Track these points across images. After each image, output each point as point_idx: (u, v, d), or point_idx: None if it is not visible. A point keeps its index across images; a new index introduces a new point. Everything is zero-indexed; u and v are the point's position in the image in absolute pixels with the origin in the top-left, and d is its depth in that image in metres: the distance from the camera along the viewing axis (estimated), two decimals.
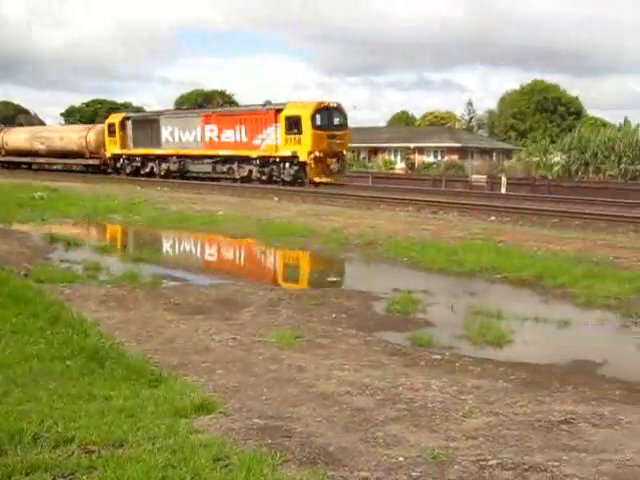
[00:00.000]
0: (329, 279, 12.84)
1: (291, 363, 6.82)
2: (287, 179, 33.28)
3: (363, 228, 17.93)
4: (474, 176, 40.38)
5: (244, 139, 35.07)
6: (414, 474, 4.26)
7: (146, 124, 41.46)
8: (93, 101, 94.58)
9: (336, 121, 33.34)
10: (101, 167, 45.06)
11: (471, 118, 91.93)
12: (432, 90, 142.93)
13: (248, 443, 4.64)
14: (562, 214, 21.68)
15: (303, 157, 32.03)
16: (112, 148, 43.00)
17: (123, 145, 42.30)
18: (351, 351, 7.49)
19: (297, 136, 32.08)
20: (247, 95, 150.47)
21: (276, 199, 27.64)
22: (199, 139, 37.70)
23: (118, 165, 43.28)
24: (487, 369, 6.98)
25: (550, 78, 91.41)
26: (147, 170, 41.28)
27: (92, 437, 4.52)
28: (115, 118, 44.27)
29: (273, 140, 33.36)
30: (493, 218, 21.41)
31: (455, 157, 60.45)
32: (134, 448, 4.41)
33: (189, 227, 19.47)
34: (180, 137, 38.85)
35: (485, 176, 39.25)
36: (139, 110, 62.97)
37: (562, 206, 24.58)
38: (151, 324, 8.43)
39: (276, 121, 33.19)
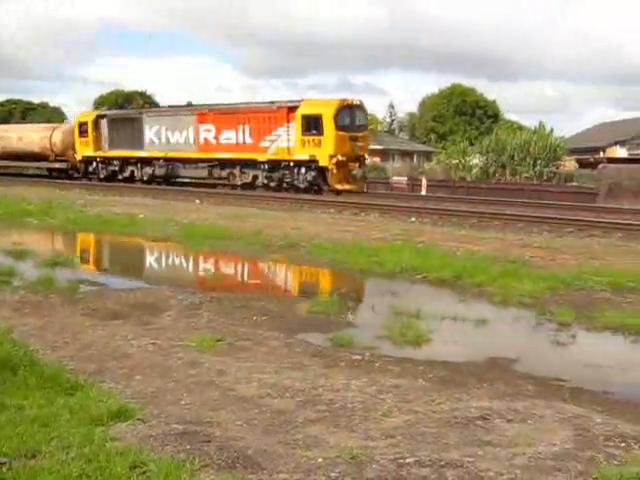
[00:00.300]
0: (251, 281, 12.81)
1: (211, 367, 6.77)
2: (302, 186, 29.84)
3: (286, 230, 17.94)
4: (395, 178, 40.99)
5: (248, 140, 31.42)
6: (333, 475, 4.29)
7: (125, 123, 37.36)
8: (7, 101, 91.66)
9: (358, 121, 30.15)
10: (69, 171, 40.62)
11: (392, 121, 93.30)
12: (354, 93, 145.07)
13: (166, 449, 4.59)
14: (480, 215, 22.20)
15: (324, 161, 28.66)
16: (83, 150, 38.86)
17: (97, 147, 38.27)
18: (272, 353, 7.48)
19: (317, 137, 28.69)
20: (169, 96, 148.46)
21: (198, 201, 27.43)
22: (192, 140, 33.73)
23: (90, 169, 39.13)
24: (406, 368, 7.07)
25: (468, 82, 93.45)
26: (126, 174, 37.35)
27: (3, 448, 4.39)
28: (88, 116, 40.06)
29: (285, 142, 29.96)
30: (414, 219, 21.78)
31: (377, 159, 61.11)
32: (47, 459, 4.30)
33: (108, 230, 19.09)
34: (168, 138, 34.80)
35: (406, 178, 39.89)
36: (56, 110, 61.30)
37: (480, 207, 25.18)
38: (67, 330, 8.22)
39: (288, 120, 29.81)
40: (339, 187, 28.91)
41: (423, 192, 34.44)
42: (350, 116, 29.56)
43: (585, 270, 12.34)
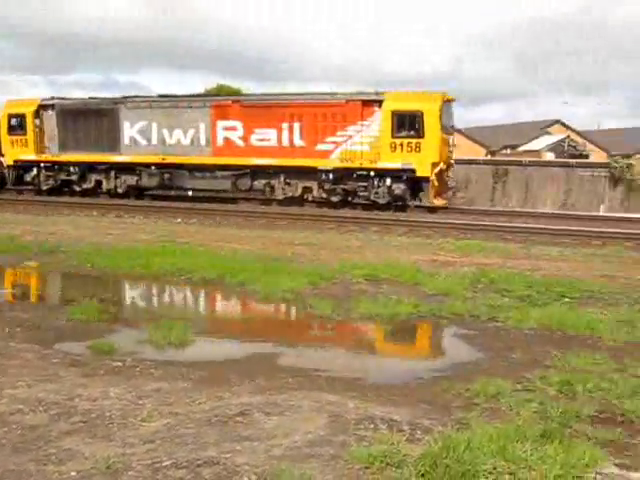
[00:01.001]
0: (3, 291, 12.01)
1: None
2: (381, 201, 24.09)
3: (44, 235, 17.09)
4: None
5: (298, 142, 24.94)
6: None
7: (88, 116, 28.35)
8: None
9: (452, 121, 25.43)
10: None
11: None
12: (120, 91, 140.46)
13: None
14: (246, 214, 22.60)
15: (423, 171, 23.07)
16: (17, 152, 29.62)
17: (40, 148, 29.46)
18: (25, 366, 7.06)
19: (414, 140, 23.14)
20: None
21: None
22: (204, 141, 26.52)
23: (28, 178, 29.87)
24: (169, 371, 7.00)
25: (234, 83, 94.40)
26: (89, 185, 28.89)
27: None
28: (24, 106, 29.76)
29: (357, 145, 24.12)
30: (179, 220, 21.65)
31: None
32: None
33: None
34: (164, 137, 27.20)
35: None
36: None
37: (244, 206, 25.60)
38: None
39: (362, 117, 24.00)
40: (437, 203, 23.88)
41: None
42: (448, 115, 24.62)
43: (344, 264, 13.00)
